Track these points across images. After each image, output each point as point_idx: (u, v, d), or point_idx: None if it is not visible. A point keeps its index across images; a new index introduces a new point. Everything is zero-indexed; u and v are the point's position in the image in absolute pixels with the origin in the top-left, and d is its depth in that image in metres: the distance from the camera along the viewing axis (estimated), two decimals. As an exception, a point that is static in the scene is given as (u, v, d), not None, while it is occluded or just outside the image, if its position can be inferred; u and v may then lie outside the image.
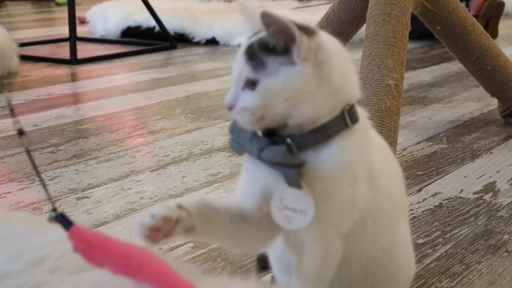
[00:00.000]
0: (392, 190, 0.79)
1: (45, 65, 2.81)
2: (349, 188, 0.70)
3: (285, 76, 0.67)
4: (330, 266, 0.74)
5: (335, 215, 0.71)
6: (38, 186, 1.35)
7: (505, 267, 1.01)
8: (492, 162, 1.50)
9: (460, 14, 1.67)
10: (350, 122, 0.69)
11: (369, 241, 0.77)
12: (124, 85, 2.43)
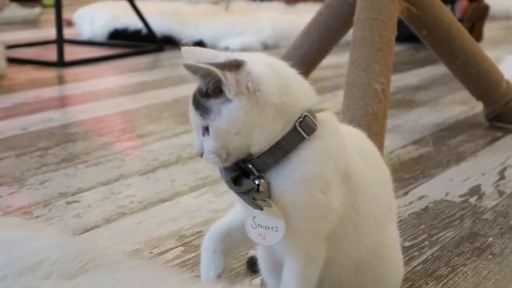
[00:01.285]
0: (375, 193, 0.80)
1: (32, 67, 2.80)
2: (320, 195, 0.72)
3: (227, 114, 0.70)
4: (313, 268, 0.76)
5: (310, 221, 0.73)
6: (28, 190, 1.36)
7: (490, 270, 1.02)
8: (477, 165, 1.52)
9: (446, 19, 1.69)
10: (305, 133, 0.72)
11: (352, 243, 0.78)
12: (111, 88, 2.43)
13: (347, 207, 0.76)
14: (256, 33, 3.30)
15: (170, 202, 1.30)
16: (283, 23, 3.40)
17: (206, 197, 1.32)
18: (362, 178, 0.78)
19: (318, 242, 0.75)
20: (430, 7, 1.66)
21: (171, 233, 1.16)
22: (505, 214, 1.23)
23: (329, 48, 1.81)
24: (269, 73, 0.72)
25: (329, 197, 0.72)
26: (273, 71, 0.73)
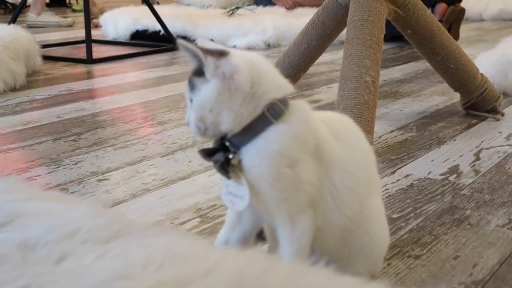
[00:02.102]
0: (352, 170, 0.79)
1: (65, 64, 2.80)
2: (286, 169, 0.73)
3: (203, 92, 0.73)
4: (301, 232, 0.76)
5: (281, 192, 0.74)
6: (64, 170, 1.36)
7: (468, 238, 1.02)
8: (455, 148, 1.52)
9: (428, 20, 1.68)
10: (273, 118, 0.73)
11: (334, 213, 0.78)
12: (134, 81, 2.43)
13: (323, 181, 0.77)
14: (260, 34, 3.29)
15: (188, 180, 1.30)
16: (284, 25, 3.39)
17: (219, 175, 1.30)
18: (336, 156, 0.78)
19: (300, 210, 0.76)
20: (414, 9, 1.66)
21: (189, 206, 1.16)
22: (481, 190, 1.23)
23: (325, 46, 1.81)
24: (245, 66, 0.73)
25: (298, 171, 0.74)
26: (251, 65, 0.75)
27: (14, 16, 3.08)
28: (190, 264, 0.61)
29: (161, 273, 0.59)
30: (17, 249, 0.69)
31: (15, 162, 1.43)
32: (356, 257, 0.81)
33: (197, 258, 0.62)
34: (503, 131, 1.66)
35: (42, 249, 0.69)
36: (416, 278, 0.90)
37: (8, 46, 2.23)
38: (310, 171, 0.75)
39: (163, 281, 0.58)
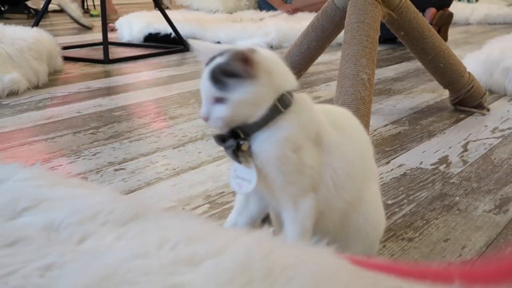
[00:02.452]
0: (349, 157, 0.79)
1: (84, 64, 2.81)
2: (291, 154, 0.73)
3: (249, 89, 0.71)
4: (304, 215, 0.76)
5: (286, 175, 0.74)
6: (83, 160, 1.36)
7: (457, 222, 1.02)
8: (445, 140, 1.51)
9: (419, 22, 1.67)
10: (282, 108, 0.73)
11: (334, 197, 0.78)
12: (147, 80, 2.43)
13: (324, 167, 0.77)
14: (263, 36, 3.29)
15: (198, 169, 1.30)
16: (285, 28, 3.39)
17: (226, 165, 1.32)
18: (334, 144, 0.78)
19: (303, 193, 0.76)
20: (406, 12, 1.65)
21: (199, 193, 1.16)
22: (468, 179, 1.23)
23: (324, 47, 1.80)
24: (273, 60, 0.75)
25: (301, 155, 0.74)
26: (274, 58, 0.76)
27: (37, 20, 3.08)
28: (202, 244, 0.60)
29: (175, 252, 0.59)
30: (42, 230, 0.69)
31: (39, 153, 1.43)
32: (353, 239, 0.81)
33: (208, 238, 0.62)
34: (488, 125, 1.66)
35: (65, 231, 0.69)
36: (409, 259, 0.90)
37: (31, 48, 2.24)
38: (312, 157, 0.76)
39: (177, 260, 0.58)
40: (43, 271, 0.60)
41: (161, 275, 0.55)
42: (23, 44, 2.20)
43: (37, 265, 0.60)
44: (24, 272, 0.59)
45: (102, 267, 0.57)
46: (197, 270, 0.56)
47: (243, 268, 0.54)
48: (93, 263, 0.60)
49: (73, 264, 0.61)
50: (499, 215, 1.05)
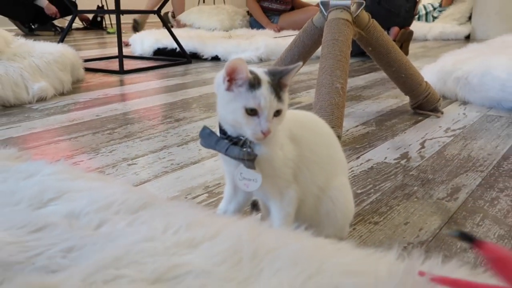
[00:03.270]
0: (316, 150, 0.79)
1: (102, 74, 2.78)
2: (280, 152, 0.74)
3: (286, 102, 0.74)
4: (288, 203, 0.76)
5: (276, 169, 0.74)
6: (101, 157, 1.35)
7: (415, 208, 1.02)
8: (406, 139, 1.51)
9: (384, 39, 1.68)
10: None
11: (309, 182, 0.78)
12: (156, 88, 2.41)
13: (299, 158, 0.77)
14: (254, 51, 3.27)
15: (198, 164, 1.29)
16: (272, 43, 3.37)
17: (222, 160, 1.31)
18: (304, 141, 0.78)
19: (287, 184, 0.75)
20: (373, 31, 1.65)
21: (199, 185, 1.15)
22: (425, 171, 1.23)
23: (305, 60, 1.80)
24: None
25: (284, 152, 0.74)
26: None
27: (62, 36, 3.05)
28: (201, 229, 0.60)
29: (177, 236, 0.59)
30: (64, 218, 0.68)
31: (63, 150, 1.41)
32: (324, 223, 0.80)
33: (206, 224, 0.62)
34: (442, 126, 1.66)
35: (84, 218, 0.68)
36: (375, 239, 0.90)
37: (57, 60, 2.22)
38: (290, 151, 0.76)
39: (179, 242, 0.57)
40: (65, 253, 0.59)
41: (165, 256, 0.55)
42: (50, 57, 2.18)
43: (60, 248, 0.60)
44: (49, 253, 0.59)
45: (116, 249, 0.57)
46: (195, 252, 0.56)
47: (235, 250, 0.54)
48: (108, 245, 0.59)
49: (91, 247, 0.60)
50: (451, 202, 1.05)
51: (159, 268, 0.51)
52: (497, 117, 1.77)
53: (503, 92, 1.87)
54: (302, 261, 0.52)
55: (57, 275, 0.53)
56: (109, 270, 0.52)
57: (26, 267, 0.55)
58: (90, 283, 0.49)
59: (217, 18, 4.33)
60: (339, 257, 0.55)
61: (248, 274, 0.50)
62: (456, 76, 2.05)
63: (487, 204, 1.04)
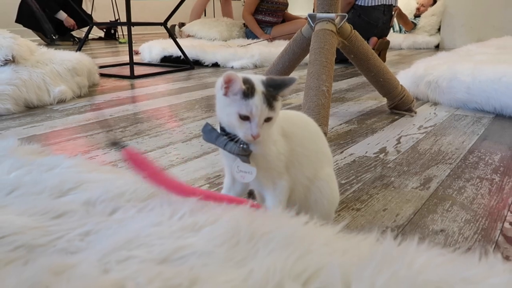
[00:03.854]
0: (305, 145, 0.79)
1: (115, 79, 2.76)
2: (272, 147, 0.73)
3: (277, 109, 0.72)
4: (280, 191, 0.76)
5: (270, 163, 0.74)
6: (114, 152, 1.34)
7: (392, 196, 1.02)
8: (384, 136, 1.51)
9: (365, 48, 1.67)
10: None
11: (299, 173, 0.78)
12: (163, 91, 2.40)
13: (291, 152, 0.76)
14: (250, 58, 3.26)
15: (200, 158, 1.29)
16: (266, 52, 3.36)
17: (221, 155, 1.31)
18: (295, 137, 0.77)
19: (279, 175, 0.75)
20: (355, 41, 1.65)
21: (201, 176, 1.15)
22: (401, 164, 1.23)
23: (294, 66, 1.80)
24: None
25: (277, 147, 0.74)
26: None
27: (80, 46, 3.03)
28: (203, 215, 0.60)
29: (182, 221, 0.58)
30: (82, 205, 0.67)
31: (81, 146, 1.40)
32: (313, 209, 0.80)
33: (206, 210, 0.61)
34: (416, 124, 1.66)
35: (100, 205, 0.68)
36: (357, 224, 0.90)
37: (75, 67, 2.20)
38: (282, 146, 0.75)
39: (183, 226, 0.57)
40: (83, 236, 0.59)
41: (171, 239, 0.54)
42: (69, 64, 2.16)
43: (78, 232, 0.59)
44: (68, 237, 0.58)
45: (127, 233, 0.56)
46: (198, 235, 0.55)
47: (233, 233, 0.54)
48: (120, 230, 0.59)
49: (105, 231, 0.60)
50: (423, 191, 1.05)
51: (166, 250, 0.51)
52: (463, 116, 1.77)
53: (468, 94, 1.87)
54: (293, 243, 0.52)
55: (76, 256, 0.53)
56: (122, 252, 0.51)
57: (48, 249, 0.55)
58: (105, 262, 0.49)
59: (217, 30, 4.31)
60: (326, 239, 0.55)
61: (245, 254, 0.50)
62: (428, 80, 2.05)
63: (455, 192, 1.04)
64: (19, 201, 0.66)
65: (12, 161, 0.81)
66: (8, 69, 1.91)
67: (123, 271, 0.47)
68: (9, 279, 0.44)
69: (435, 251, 0.50)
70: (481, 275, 0.43)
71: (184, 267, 0.47)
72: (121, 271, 0.47)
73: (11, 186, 0.71)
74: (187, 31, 4.48)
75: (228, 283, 0.44)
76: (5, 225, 0.58)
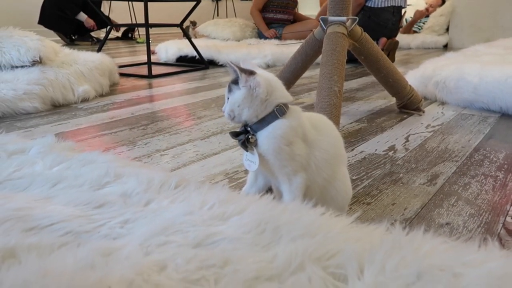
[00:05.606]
0: (325, 148, 0.83)
1: (133, 78, 2.82)
2: (285, 147, 0.77)
3: (235, 94, 0.77)
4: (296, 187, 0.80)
5: (281, 161, 0.78)
6: (138, 148, 1.39)
7: (401, 192, 1.06)
8: (393, 134, 1.54)
9: (375, 49, 1.71)
10: (279, 115, 0.78)
11: (316, 175, 0.82)
12: (180, 90, 2.44)
13: (309, 155, 0.80)
14: (262, 58, 3.30)
15: (219, 155, 1.33)
16: (277, 52, 3.40)
17: (239, 152, 1.35)
18: (315, 140, 0.82)
19: (295, 173, 0.79)
20: (365, 42, 1.68)
21: (220, 172, 1.19)
22: (409, 161, 1.27)
23: (307, 67, 1.84)
24: (264, 83, 0.78)
25: (292, 148, 0.78)
26: (268, 82, 0.79)
27: (100, 46, 3.10)
28: (230, 205, 0.65)
29: (212, 211, 0.63)
30: (119, 197, 0.73)
31: (106, 143, 1.46)
32: (329, 204, 0.84)
33: (234, 202, 0.66)
34: (424, 123, 1.69)
35: (135, 197, 0.73)
36: (368, 217, 0.93)
37: (97, 67, 2.26)
38: (301, 148, 0.79)
39: (213, 216, 0.62)
40: (122, 224, 0.64)
41: (203, 226, 0.60)
42: (92, 64, 2.23)
43: (118, 220, 0.65)
44: (110, 225, 0.64)
45: (163, 221, 0.61)
46: (227, 223, 0.60)
47: (258, 222, 0.59)
48: (156, 219, 0.64)
49: (142, 220, 0.65)
50: (430, 187, 1.08)
51: (199, 236, 0.56)
52: (470, 116, 1.80)
53: (475, 94, 1.90)
54: (313, 231, 0.57)
55: (119, 241, 0.58)
56: (160, 237, 0.56)
57: (93, 235, 0.60)
58: (146, 246, 0.54)
59: (230, 30, 4.36)
60: (341, 228, 0.60)
61: (269, 240, 0.55)
62: (436, 80, 2.08)
63: (461, 188, 1.08)
64: (63, 193, 0.72)
65: (53, 156, 0.87)
66: (36, 70, 1.98)
67: (163, 253, 0.52)
68: (66, 259, 0.50)
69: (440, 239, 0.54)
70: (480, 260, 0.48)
71: (216, 250, 0.52)
72: (161, 253, 0.52)
73: (55, 180, 0.77)
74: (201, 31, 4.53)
75: (257, 264, 0.49)
76: (54, 213, 0.63)
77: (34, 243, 0.55)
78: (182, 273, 0.47)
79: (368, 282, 0.46)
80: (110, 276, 0.45)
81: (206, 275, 0.46)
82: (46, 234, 0.58)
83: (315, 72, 2.87)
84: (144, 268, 0.48)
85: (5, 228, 0.58)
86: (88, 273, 0.45)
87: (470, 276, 0.44)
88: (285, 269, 0.48)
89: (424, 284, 0.44)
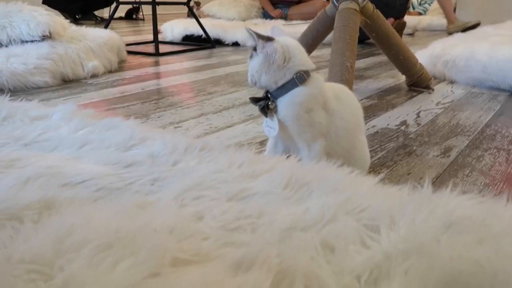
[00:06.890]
0: (345, 117, 0.84)
1: (140, 56, 2.82)
2: (304, 114, 0.78)
3: (254, 60, 0.77)
4: (315, 153, 0.80)
5: (300, 127, 0.78)
6: (151, 121, 1.40)
7: (415, 163, 1.07)
8: (404, 110, 1.55)
9: (386, 26, 1.71)
10: (298, 82, 0.77)
11: (335, 143, 0.83)
12: (187, 67, 2.45)
13: (329, 123, 0.81)
14: (269, 38, 3.29)
15: (232, 127, 1.34)
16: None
17: (252, 125, 1.36)
18: (336, 110, 0.83)
19: (314, 139, 0.80)
20: (377, 19, 1.68)
21: (234, 143, 1.20)
22: (422, 135, 1.28)
23: (317, 44, 1.84)
24: (281, 48, 0.77)
25: (311, 115, 0.78)
26: (287, 49, 0.78)
27: (106, 23, 3.09)
28: (258, 165, 0.66)
29: (241, 170, 0.65)
30: (147, 157, 0.74)
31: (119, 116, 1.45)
32: None
33: (261, 162, 0.68)
34: (434, 100, 1.70)
35: (162, 158, 0.74)
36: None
37: (106, 43, 2.26)
38: (321, 116, 0.80)
39: (243, 174, 0.63)
40: (152, 182, 0.66)
41: (234, 183, 0.61)
42: (100, 40, 2.23)
43: (148, 178, 0.66)
44: (140, 182, 0.65)
45: (194, 178, 0.63)
46: (256, 181, 0.62)
47: (288, 179, 0.60)
48: (185, 177, 0.65)
49: (171, 179, 0.66)
50: (444, 158, 1.10)
51: (232, 191, 0.58)
52: (480, 94, 1.81)
53: (484, 73, 1.90)
54: (341, 188, 0.58)
55: (152, 196, 0.60)
56: (193, 192, 0.58)
57: (125, 192, 0.62)
58: (181, 199, 0.56)
59: (235, 10, 4.33)
60: (369, 186, 0.61)
61: (300, 195, 0.56)
62: (445, 59, 2.08)
63: (474, 160, 1.09)
64: (91, 154, 0.73)
65: (76, 121, 0.88)
66: (45, 44, 1.97)
67: (198, 206, 0.54)
68: (103, 210, 0.52)
69: (467, 196, 0.56)
70: (510, 213, 0.49)
71: (250, 204, 0.54)
72: (197, 206, 0.54)
73: (80, 143, 0.78)
74: (206, 11, 4.50)
75: (290, 215, 0.50)
76: (85, 171, 0.65)
77: (70, 197, 0.56)
78: (220, 222, 0.48)
79: (401, 232, 0.47)
80: (152, 223, 0.46)
81: (243, 225, 0.48)
82: (80, 189, 0.60)
83: (322, 52, 2.86)
84: (182, 218, 0.49)
85: (40, 183, 0.59)
86: (131, 220, 0.46)
87: (502, 225, 0.45)
88: (319, 221, 0.49)
89: (455, 233, 0.46)
